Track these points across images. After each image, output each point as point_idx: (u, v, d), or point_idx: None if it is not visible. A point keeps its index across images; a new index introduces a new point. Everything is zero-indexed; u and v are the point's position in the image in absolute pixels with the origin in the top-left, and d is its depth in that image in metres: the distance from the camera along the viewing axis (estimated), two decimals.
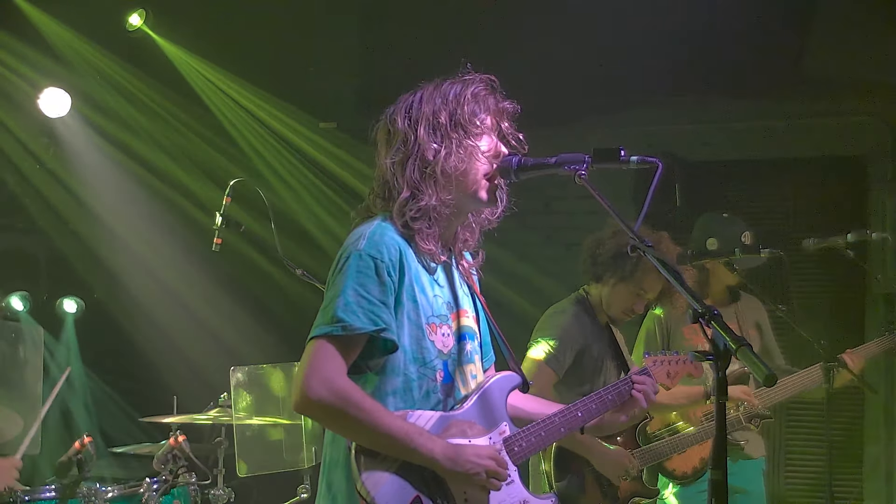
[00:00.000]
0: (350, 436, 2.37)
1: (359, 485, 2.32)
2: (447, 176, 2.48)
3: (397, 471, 2.36)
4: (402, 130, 2.51)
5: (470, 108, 2.51)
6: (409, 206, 2.46)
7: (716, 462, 1.99)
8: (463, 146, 2.49)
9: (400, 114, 2.54)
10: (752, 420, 4.21)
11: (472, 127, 2.51)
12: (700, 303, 2.08)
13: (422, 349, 2.47)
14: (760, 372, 1.95)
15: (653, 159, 2.41)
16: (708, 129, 6.30)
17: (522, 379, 2.67)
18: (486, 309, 2.74)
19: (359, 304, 2.34)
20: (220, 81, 6.32)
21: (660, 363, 3.05)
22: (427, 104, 2.52)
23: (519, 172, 2.56)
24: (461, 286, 2.67)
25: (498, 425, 2.57)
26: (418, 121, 2.50)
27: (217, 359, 5.84)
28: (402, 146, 2.50)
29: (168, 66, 6.14)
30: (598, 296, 3.98)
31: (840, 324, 5.87)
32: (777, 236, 5.78)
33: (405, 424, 2.37)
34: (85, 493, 3.97)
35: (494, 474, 2.44)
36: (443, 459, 2.37)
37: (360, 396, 2.34)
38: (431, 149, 2.48)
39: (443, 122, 2.49)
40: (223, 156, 6.45)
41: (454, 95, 2.52)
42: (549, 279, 6.31)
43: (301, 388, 2.31)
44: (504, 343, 2.74)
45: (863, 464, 5.94)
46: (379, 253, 2.40)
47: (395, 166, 2.50)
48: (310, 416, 2.45)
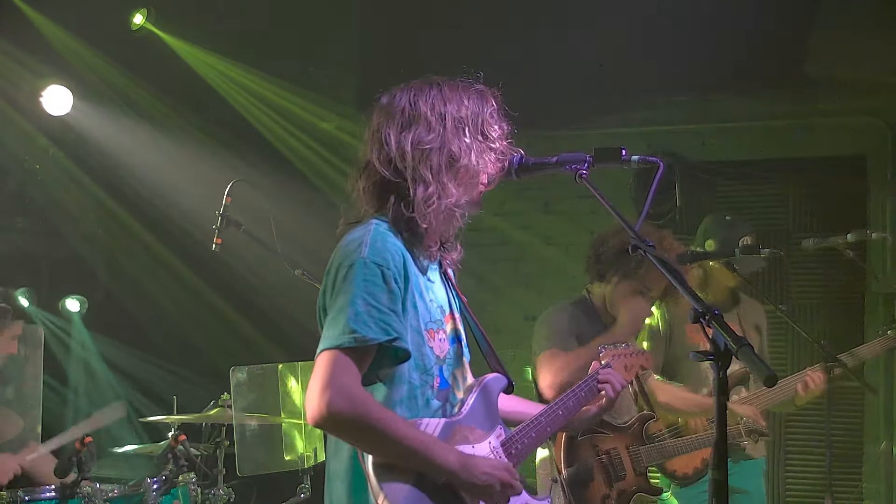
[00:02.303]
0: (369, 448, 2.32)
1: (381, 498, 2.27)
2: (471, 175, 2.46)
3: (415, 483, 2.32)
4: (425, 117, 2.43)
5: (490, 119, 2.50)
6: (432, 200, 2.40)
7: (716, 462, 1.99)
8: (486, 152, 2.48)
9: (422, 100, 2.46)
10: (750, 434, 4.21)
11: (491, 135, 2.50)
12: (701, 302, 2.07)
13: (422, 356, 2.44)
14: (761, 372, 1.95)
15: (654, 159, 2.41)
16: (708, 129, 6.30)
17: (508, 381, 2.66)
18: (465, 306, 2.69)
19: (369, 314, 2.28)
20: (233, 72, 6.32)
21: (618, 357, 3.14)
22: (450, 101, 2.46)
23: (520, 172, 2.55)
24: (447, 285, 2.65)
25: (494, 429, 2.56)
26: (445, 114, 2.44)
27: (217, 359, 5.85)
28: (428, 133, 2.42)
29: (171, 62, 6.14)
30: (601, 295, 3.98)
31: (840, 324, 5.88)
32: (777, 236, 5.80)
33: (421, 434, 2.34)
34: (85, 493, 3.97)
35: (508, 486, 2.42)
36: (459, 470, 2.34)
37: (378, 408, 2.30)
38: (458, 144, 2.43)
39: (469, 123, 2.46)
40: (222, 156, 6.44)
41: (476, 102, 2.50)
42: (549, 279, 6.33)
43: (318, 401, 2.24)
44: (487, 342, 2.70)
45: (863, 464, 5.94)
46: (384, 260, 2.35)
47: (419, 154, 2.41)
48: (328, 430, 2.35)
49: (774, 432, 5.91)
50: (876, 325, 5.46)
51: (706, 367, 4.33)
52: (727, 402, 2.02)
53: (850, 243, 4.47)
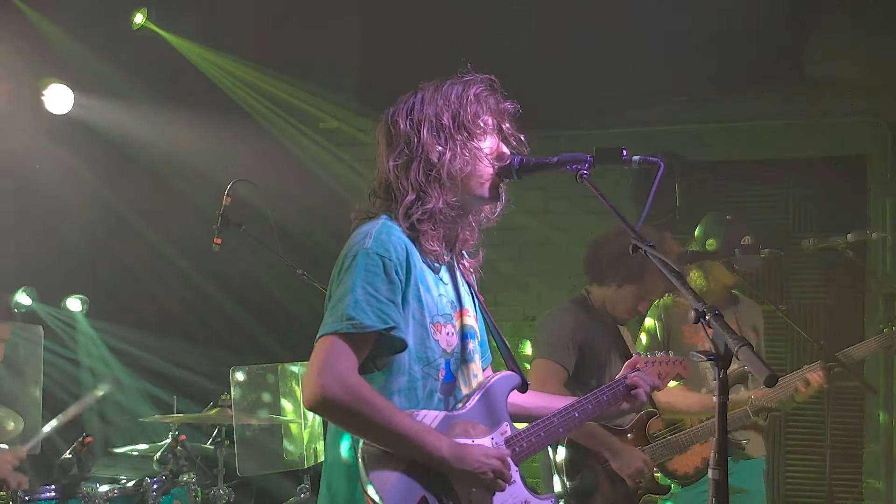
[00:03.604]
0: (362, 433, 2.36)
1: (366, 485, 2.32)
2: (452, 178, 2.48)
3: (405, 471, 2.35)
4: (404, 132, 2.50)
5: (472, 110, 2.50)
6: (414, 208, 2.46)
7: (717, 462, 1.99)
8: (467, 148, 2.49)
9: (401, 115, 2.52)
10: (759, 413, 4.19)
11: (475, 128, 2.50)
12: (702, 302, 2.08)
13: (426, 349, 2.46)
14: (761, 372, 1.95)
15: (654, 159, 2.41)
16: (708, 129, 6.29)
17: (522, 379, 2.67)
18: (485, 309, 2.74)
19: (368, 303, 2.33)
20: (235, 68, 6.33)
21: (651, 364, 3.08)
22: (429, 105, 2.50)
23: (521, 172, 2.55)
24: (463, 285, 2.68)
25: (499, 425, 2.57)
26: (421, 122, 2.49)
27: (217, 359, 5.85)
28: (406, 148, 2.49)
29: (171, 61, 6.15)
30: (600, 297, 3.98)
31: (840, 324, 5.87)
32: (777, 236, 5.79)
33: (415, 423, 2.37)
34: (85, 493, 3.98)
35: (500, 474, 2.44)
36: (451, 458, 2.37)
37: (372, 394, 2.33)
38: (436, 151, 2.47)
39: (446, 123, 2.48)
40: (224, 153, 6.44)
41: (456, 96, 2.51)
42: (549, 280, 6.33)
43: (314, 385, 2.29)
44: (504, 343, 2.74)
45: (863, 464, 5.94)
46: (386, 252, 2.39)
47: (399, 169, 2.49)
48: (322, 413, 2.42)
49: (774, 432, 5.91)
50: (876, 325, 5.46)
51: (705, 367, 4.34)
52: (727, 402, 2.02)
53: (850, 243, 4.48)
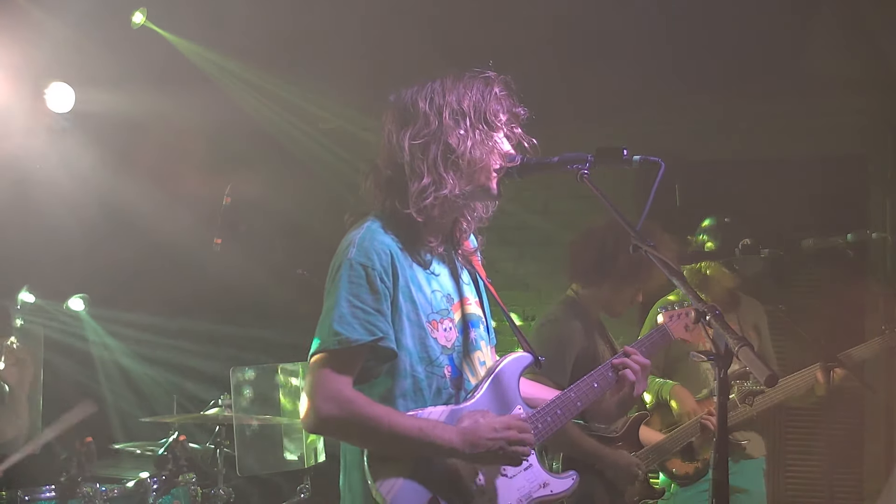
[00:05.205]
0: (367, 445, 2.36)
1: (374, 492, 2.32)
2: (471, 165, 2.46)
3: (410, 475, 2.35)
4: (423, 112, 2.47)
5: (494, 105, 2.51)
6: (428, 192, 2.42)
7: (717, 462, 1.99)
8: (486, 139, 2.48)
9: (421, 96, 2.50)
10: (746, 399, 4.14)
11: (496, 122, 2.51)
12: (703, 302, 2.08)
13: (426, 348, 2.46)
14: (762, 372, 1.95)
15: (655, 159, 2.41)
16: (708, 129, 6.29)
17: (534, 357, 2.64)
18: (492, 290, 2.72)
19: (354, 316, 2.33)
20: (236, 67, 6.32)
21: (676, 317, 3.04)
22: (450, 93, 2.48)
23: (521, 171, 2.55)
24: (462, 273, 2.66)
25: (512, 408, 2.55)
26: (442, 107, 2.47)
27: (217, 359, 5.85)
28: (425, 128, 2.46)
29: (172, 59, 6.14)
30: (590, 297, 3.93)
31: (840, 324, 5.87)
32: (777, 236, 5.79)
33: (417, 421, 2.36)
34: (85, 493, 3.98)
35: (517, 441, 2.39)
36: (462, 445, 2.35)
37: (368, 404, 2.33)
38: (456, 136, 2.44)
39: (467, 112, 2.47)
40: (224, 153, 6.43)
41: (479, 90, 2.50)
42: (549, 279, 6.32)
43: (310, 409, 2.33)
44: (513, 323, 2.74)
45: (863, 464, 5.93)
46: (369, 260, 2.38)
47: (416, 149, 2.45)
48: (323, 433, 2.46)
49: (774, 432, 5.91)
50: (876, 325, 5.46)
51: (706, 367, 4.34)
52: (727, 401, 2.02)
53: (850, 243, 4.48)
